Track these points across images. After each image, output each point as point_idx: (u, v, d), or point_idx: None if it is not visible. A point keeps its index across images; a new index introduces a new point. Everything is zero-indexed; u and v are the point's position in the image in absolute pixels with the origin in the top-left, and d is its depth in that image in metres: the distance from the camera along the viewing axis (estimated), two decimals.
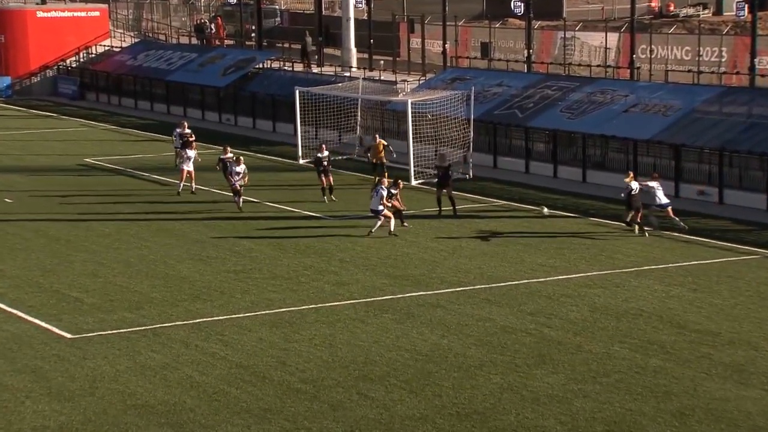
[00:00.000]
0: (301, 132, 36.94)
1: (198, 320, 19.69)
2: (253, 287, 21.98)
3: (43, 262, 23.70)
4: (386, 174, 33.03)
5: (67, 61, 56.31)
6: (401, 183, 26.79)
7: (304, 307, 20.56)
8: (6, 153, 38.68)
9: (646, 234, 25.63)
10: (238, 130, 44.96)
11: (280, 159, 37.96)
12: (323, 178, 30.19)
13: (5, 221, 27.68)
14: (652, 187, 26.08)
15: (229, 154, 30.55)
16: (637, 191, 25.81)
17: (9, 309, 20.20)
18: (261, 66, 48.36)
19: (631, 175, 26.52)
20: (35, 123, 46.79)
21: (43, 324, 19.38)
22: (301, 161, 36.70)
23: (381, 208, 25.37)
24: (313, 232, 26.85)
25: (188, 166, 31.08)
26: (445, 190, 28.33)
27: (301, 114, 36.98)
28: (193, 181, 31.19)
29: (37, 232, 26.78)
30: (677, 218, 25.91)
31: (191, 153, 31.55)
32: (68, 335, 18.83)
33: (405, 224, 26.32)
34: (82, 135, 43.67)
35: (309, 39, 49.72)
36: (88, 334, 18.86)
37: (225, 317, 19.93)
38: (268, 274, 22.95)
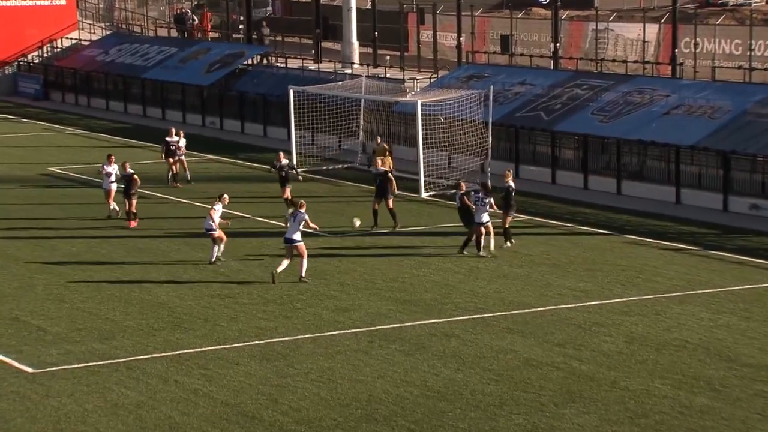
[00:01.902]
0: (295, 137, 37.03)
1: (178, 352, 19.71)
2: (240, 314, 22.00)
3: (1, 286, 23.73)
4: (394, 184, 33.06)
5: (29, 57, 56.50)
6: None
7: (299, 337, 20.58)
8: None
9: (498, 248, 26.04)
10: (224, 134, 45.09)
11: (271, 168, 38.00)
12: (283, 190, 30.46)
13: None
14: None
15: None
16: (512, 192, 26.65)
17: None
18: (250, 62, 48.54)
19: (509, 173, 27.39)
20: None
21: (0, 357, 19.39)
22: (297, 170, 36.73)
23: (298, 237, 23.89)
24: (310, 251, 26.86)
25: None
26: (383, 201, 28.20)
27: (295, 117, 37.08)
28: (187, 171, 32.69)
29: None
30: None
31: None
32: (29, 369, 18.85)
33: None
34: (45, 140, 43.81)
35: (266, 30, 49.95)
36: (51, 368, 18.87)
37: (209, 348, 19.94)
38: (258, 299, 22.97)
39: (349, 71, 45.02)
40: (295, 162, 33.58)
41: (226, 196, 25.94)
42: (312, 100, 37.78)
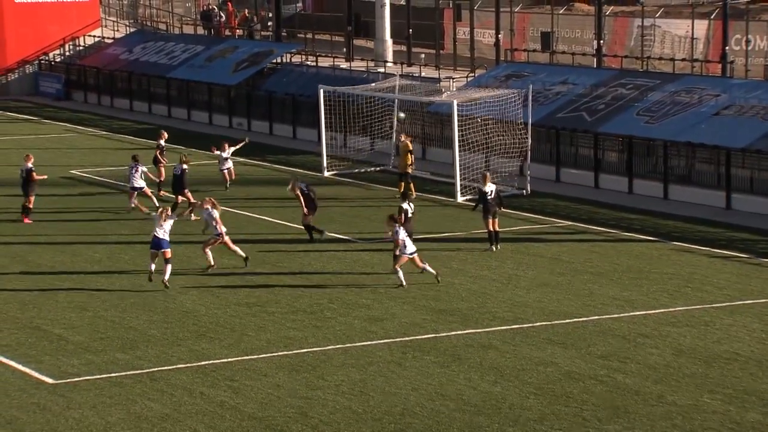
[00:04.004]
0: (326, 139, 37.11)
1: (203, 362, 19.80)
2: (269, 323, 22.07)
3: (20, 293, 23.93)
4: (412, 186, 33.09)
5: (51, 55, 56.97)
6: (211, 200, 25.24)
7: (329, 348, 20.62)
8: None
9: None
10: (251, 136, 45.21)
11: (301, 171, 38.12)
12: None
13: None
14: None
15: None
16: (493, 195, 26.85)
17: None
18: (280, 60, 48.72)
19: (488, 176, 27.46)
20: (11, 128, 47.37)
21: (20, 367, 19.57)
22: (327, 173, 36.87)
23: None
24: (341, 257, 26.93)
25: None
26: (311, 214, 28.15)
27: (326, 117, 37.17)
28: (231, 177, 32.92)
29: (13, 258, 27.08)
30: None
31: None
32: (50, 380, 18.99)
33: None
34: (67, 142, 44.15)
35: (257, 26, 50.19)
36: (73, 379, 19.01)
37: (235, 359, 20.02)
38: (287, 307, 23.04)
39: (382, 70, 45.09)
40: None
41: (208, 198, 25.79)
42: (343, 100, 37.85)
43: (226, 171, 33.99)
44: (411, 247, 24.13)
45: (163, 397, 18.19)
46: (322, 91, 37.25)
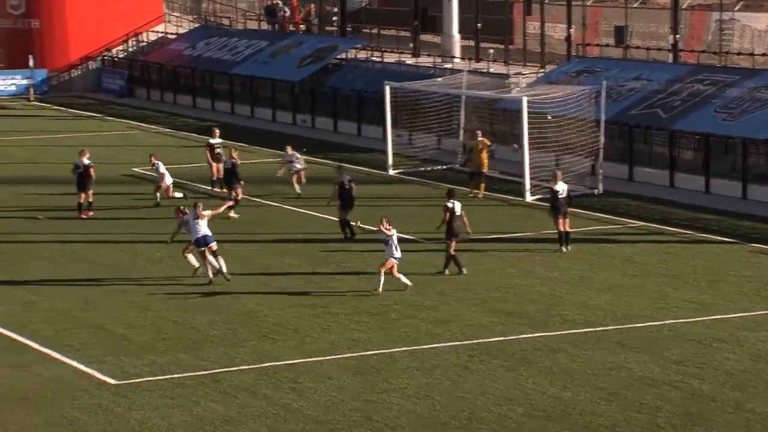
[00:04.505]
0: (391, 136, 37.16)
1: (266, 364, 19.94)
2: (333, 325, 22.17)
3: (83, 292, 24.27)
4: (484, 186, 33.04)
5: (114, 51, 57.66)
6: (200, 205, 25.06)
7: (395, 350, 20.65)
8: (39, 161, 39.81)
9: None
10: (315, 133, 45.45)
11: (365, 169, 38.22)
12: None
13: (37, 243, 28.46)
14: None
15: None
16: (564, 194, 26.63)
17: (43, 349, 20.75)
18: (344, 56, 48.86)
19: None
20: (75, 125, 48.05)
21: (82, 367, 19.85)
22: (392, 172, 36.92)
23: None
24: (407, 258, 26.94)
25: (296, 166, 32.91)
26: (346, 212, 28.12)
27: (391, 114, 37.21)
28: (297, 185, 32.53)
29: (75, 256, 27.47)
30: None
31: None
32: (112, 381, 19.24)
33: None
34: (129, 139, 44.68)
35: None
36: (135, 380, 19.24)
37: (299, 361, 20.14)
38: (352, 309, 23.12)
39: (449, 66, 45.02)
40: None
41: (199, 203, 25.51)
42: (409, 96, 37.86)
43: (295, 174, 33.16)
44: (398, 252, 23.77)
45: (226, 399, 18.35)
46: (387, 87, 37.28)
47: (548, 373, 19.40)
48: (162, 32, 57.75)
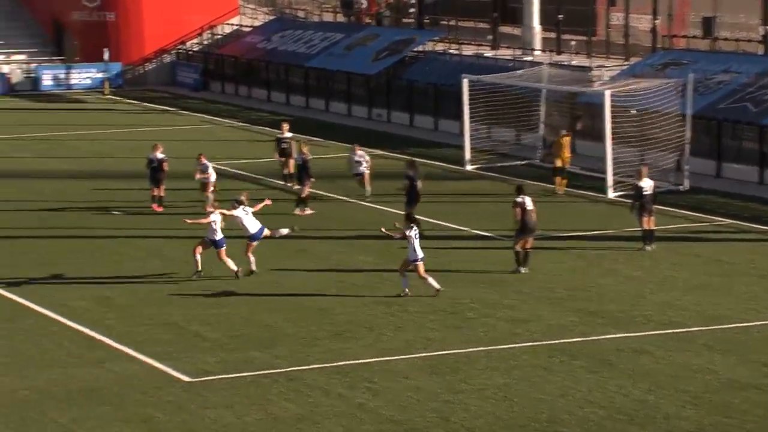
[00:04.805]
0: (469, 131, 37.08)
1: (341, 363, 20.01)
2: (408, 323, 22.18)
3: (157, 288, 24.55)
4: (565, 181, 32.81)
5: (188, 44, 58.25)
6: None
7: (471, 350, 20.61)
8: (112, 155, 40.38)
9: None
10: (391, 127, 45.54)
11: (442, 164, 38.20)
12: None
13: (111, 238, 28.85)
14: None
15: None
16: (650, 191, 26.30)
17: (116, 345, 21.03)
18: (421, 49, 48.84)
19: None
20: (149, 119, 48.64)
21: (156, 364, 20.08)
22: (469, 167, 36.85)
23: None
24: (484, 255, 26.89)
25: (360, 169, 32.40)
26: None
27: (469, 108, 37.13)
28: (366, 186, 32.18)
29: (148, 251, 27.79)
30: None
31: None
32: (186, 378, 19.44)
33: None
34: (203, 134, 45.12)
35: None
36: (209, 377, 19.42)
37: (374, 360, 20.18)
38: (428, 307, 23.12)
39: (529, 58, 44.81)
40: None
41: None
42: (488, 90, 37.75)
43: (360, 176, 32.55)
44: (419, 253, 23.48)
45: (300, 397, 18.45)
46: (465, 80, 37.21)
47: (631, 375, 19.23)
48: (237, 25, 58.22)
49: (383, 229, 24.09)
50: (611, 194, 32.59)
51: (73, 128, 46.19)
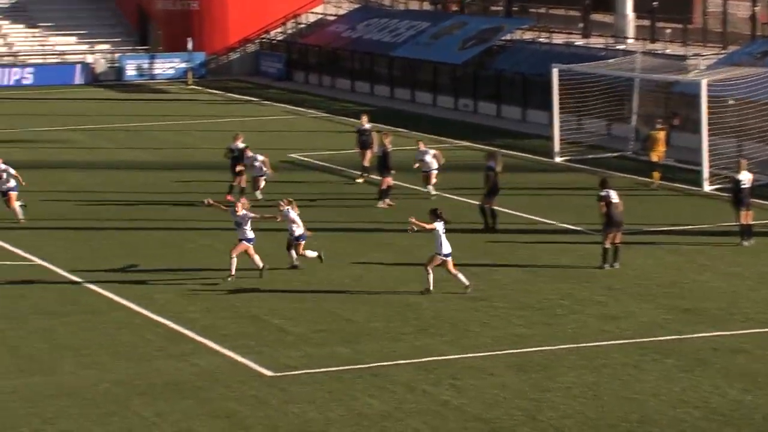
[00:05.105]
0: (558, 122, 36.85)
1: (426, 359, 20.03)
2: (494, 319, 22.13)
3: (240, 281, 24.77)
4: (660, 176, 32.44)
5: (272, 34, 58.61)
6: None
7: (560, 347, 20.51)
8: (195, 146, 40.80)
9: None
10: (477, 118, 45.41)
11: (530, 156, 38.01)
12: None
13: (197, 230, 29.14)
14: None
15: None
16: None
17: (199, 338, 21.26)
18: (510, 37, 48.62)
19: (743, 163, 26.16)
20: (232, 109, 49.08)
21: (239, 358, 20.27)
22: (558, 159, 36.62)
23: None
24: (573, 249, 26.71)
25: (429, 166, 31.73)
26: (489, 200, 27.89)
27: (559, 99, 36.88)
28: (429, 186, 31.63)
29: (232, 244, 28.00)
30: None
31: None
32: (269, 372, 19.60)
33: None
34: (287, 124, 45.42)
35: None
36: (292, 372, 19.56)
37: (459, 356, 20.17)
38: (515, 303, 23.04)
39: (622, 47, 44.37)
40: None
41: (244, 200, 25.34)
42: (578, 79, 37.47)
43: (426, 173, 31.68)
44: (447, 248, 23.29)
45: (384, 394, 18.51)
46: (555, 70, 36.98)
47: (727, 374, 18.98)
48: (321, 14, 58.44)
49: (412, 220, 23.89)
50: (707, 187, 32.17)
51: (155, 119, 46.79)
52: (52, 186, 34.07)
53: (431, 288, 23.34)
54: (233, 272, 24.23)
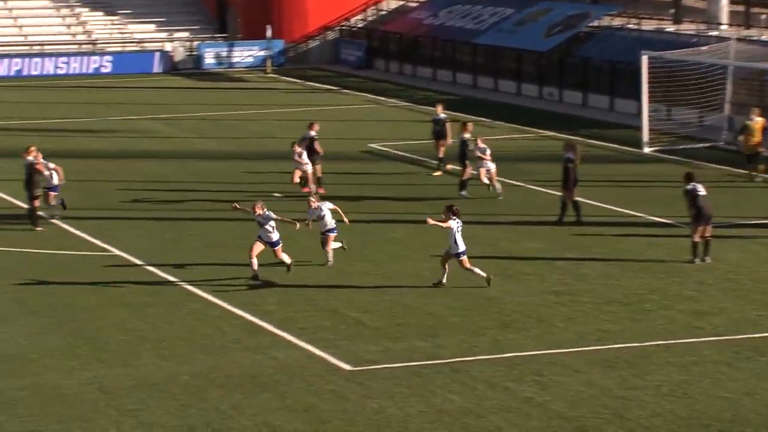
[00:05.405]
0: (647, 111, 36.44)
1: (508, 354, 19.92)
2: (580, 314, 21.94)
3: (317, 273, 24.82)
4: (763, 167, 31.93)
5: (352, 21, 58.70)
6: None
7: (648, 344, 20.27)
8: (273, 135, 40.98)
9: None
10: (563, 107, 45.10)
11: (618, 146, 37.64)
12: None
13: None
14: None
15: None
16: None
17: (277, 331, 21.34)
18: (597, 24, 48.20)
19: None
20: (311, 98, 49.26)
21: (316, 351, 20.31)
22: (647, 149, 36.22)
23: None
24: (663, 243, 26.39)
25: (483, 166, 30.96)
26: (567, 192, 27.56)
27: (649, 87, 36.48)
28: (494, 181, 31.20)
29: (310, 235, 28.02)
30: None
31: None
32: (347, 366, 19.61)
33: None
34: (367, 114, 45.47)
35: None
36: (370, 366, 19.55)
37: (542, 352, 20.02)
38: (601, 297, 22.83)
39: (715, 33, 43.78)
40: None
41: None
42: (669, 67, 37.03)
43: (485, 170, 30.65)
44: (462, 246, 22.94)
45: (465, 389, 18.43)
46: (645, 57, 36.57)
47: None
48: (402, 0, 58.39)
49: (430, 220, 23.64)
50: None
51: (234, 107, 47.13)
52: (130, 176, 34.46)
53: (445, 281, 23.27)
54: (256, 269, 23.74)
